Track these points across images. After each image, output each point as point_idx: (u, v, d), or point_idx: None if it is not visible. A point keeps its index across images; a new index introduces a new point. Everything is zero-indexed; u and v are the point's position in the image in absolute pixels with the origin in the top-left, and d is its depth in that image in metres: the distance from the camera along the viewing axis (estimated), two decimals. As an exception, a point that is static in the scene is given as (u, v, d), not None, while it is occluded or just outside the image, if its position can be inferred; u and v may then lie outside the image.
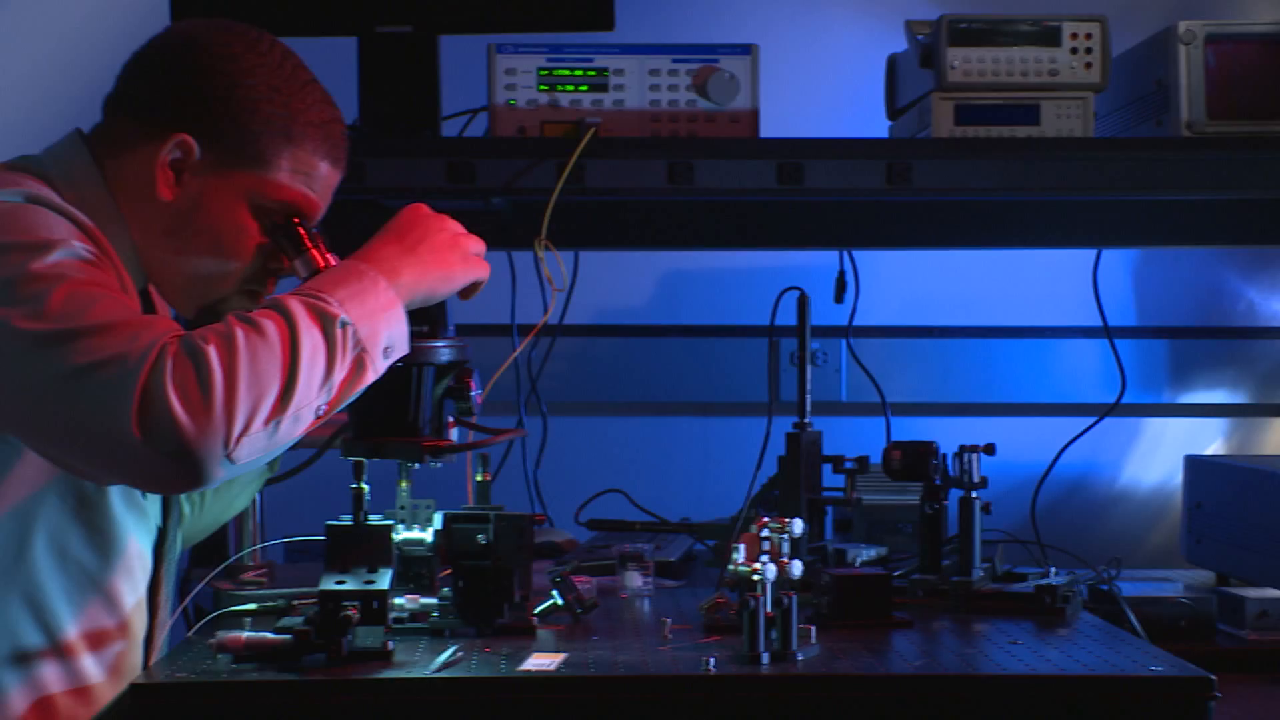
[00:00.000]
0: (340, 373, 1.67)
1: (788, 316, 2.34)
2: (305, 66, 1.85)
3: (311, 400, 1.65)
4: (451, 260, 1.80)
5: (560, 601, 2.04)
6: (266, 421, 1.60)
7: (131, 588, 1.84)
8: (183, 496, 1.91)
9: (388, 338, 1.72)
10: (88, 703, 1.79)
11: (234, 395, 1.57)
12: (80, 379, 1.56)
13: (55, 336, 1.57)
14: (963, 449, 2.20)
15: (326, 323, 1.66)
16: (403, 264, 1.76)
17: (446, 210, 2.54)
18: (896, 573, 2.18)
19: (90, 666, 1.79)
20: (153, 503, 1.87)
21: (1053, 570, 2.18)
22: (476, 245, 1.86)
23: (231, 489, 2.03)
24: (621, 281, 3.13)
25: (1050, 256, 3.02)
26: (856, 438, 2.60)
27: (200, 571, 2.12)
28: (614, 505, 2.69)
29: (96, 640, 1.80)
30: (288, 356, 1.62)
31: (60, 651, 1.77)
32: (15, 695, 1.74)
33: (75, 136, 1.82)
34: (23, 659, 1.75)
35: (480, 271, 1.85)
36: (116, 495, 1.79)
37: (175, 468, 1.56)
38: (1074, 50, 2.36)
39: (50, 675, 1.77)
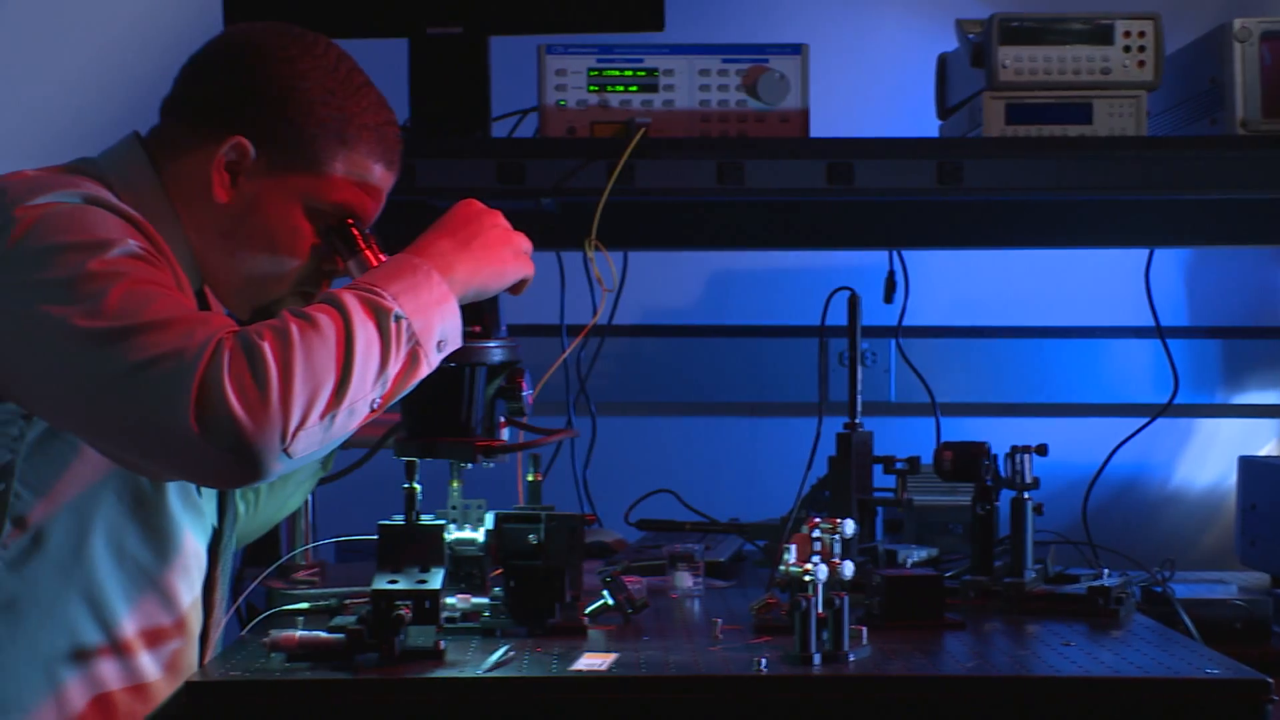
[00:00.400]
0: (394, 366, 1.68)
1: (836, 317, 2.33)
2: (360, 69, 1.86)
3: (366, 393, 1.65)
4: (504, 256, 1.81)
5: (611, 601, 2.04)
6: (322, 415, 1.61)
7: (188, 586, 1.85)
8: (237, 495, 1.93)
9: (441, 331, 1.73)
10: (145, 700, 1.80)
11: (290, 389, 1.58)
12: (138, 375, 1.57)
13: (113, 334, 1.58)
14: (1015, 450, 2.18)
15: (381, 316, 1.66)
16: (456, 259, 1.77)
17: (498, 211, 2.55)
18: (948, 574, 2.18)
19: (147, 664, 1.81)
20: (208, 501, 1.88)
21: (1105, 572, 2.17)
22: (525, 243, 1.87)
23: (285, 488, 2.04)
24: (670, 281, 3.13)
25: (1102, 256, 3.00)
26: (905, 438, 2.60)
27: (253, 570, 2.13)
28: (663, 506, 2.69)
29: (153, 638, 1.82)
30: (342, 350, 1.62)
31: (118, 649, 1.78)
32: (74, 691, 1.75)
33: (132, 139, 1.84)
34: (82, 656, 1.76)
35: (529, 268, 1.86)
36: (173, 494, 1.81)
37: (233, 462, 1.57)
38: (1127, 48, 2.34)
39: (108, 672, 1.78)
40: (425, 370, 1.72)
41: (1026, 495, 2.18)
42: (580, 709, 1.74)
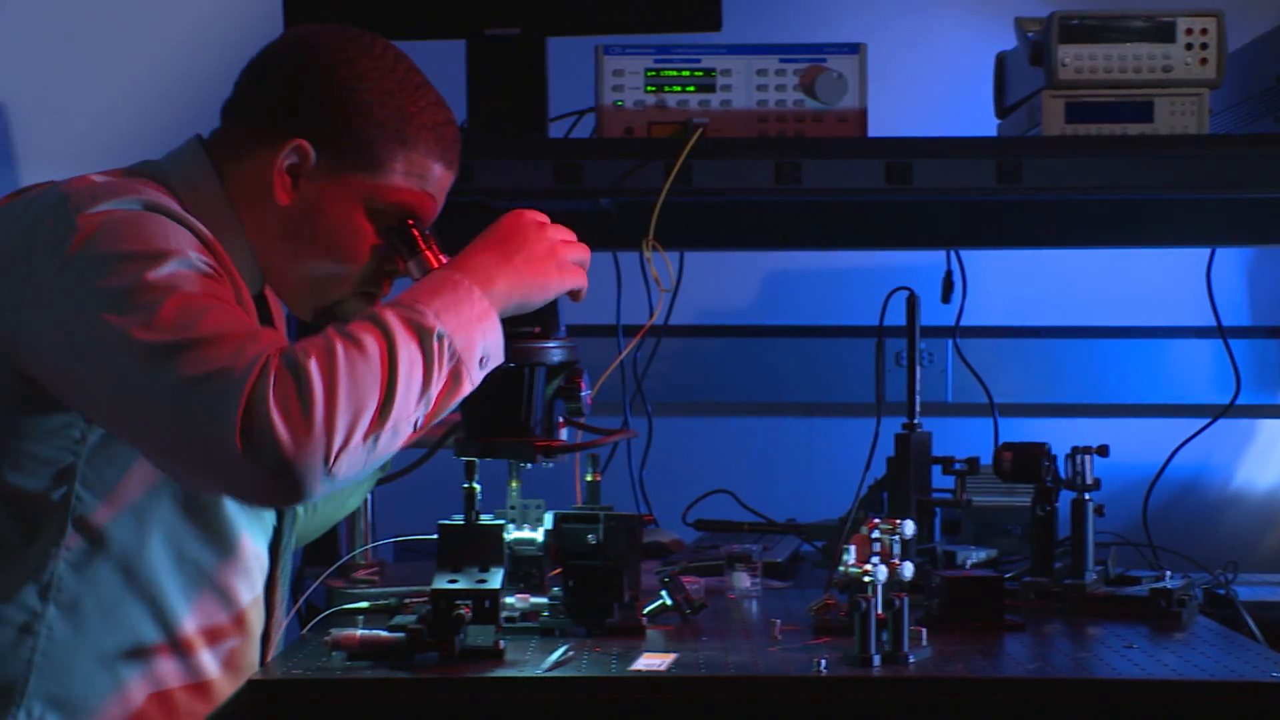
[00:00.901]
0: (437, 385, 1.67)
1: (893, 317, 2.33)
2: (418, 69, 1.86)
3: (410, 413, 1.65)
4: (547, 269, 1.80)
5: (669, 602, 2.04)
6: (366, 436, 1.61)
7: (249, 586, 1.87)
8: None
9: (483, 348, 1.72)
10: (205, 698, 1.81)
11: (334, 410, 1.58)
12: (187, 391, 1.57)
13: (165, 348, 1.59)
14: (1075, 450, 2.17)
15: (423, 335, 1.66)
16: (498, 272, 1.76)
17: (554, 211, 2.56)
18: (1007, 575, 2.16)
19: (208, 662, 1.82)
20: None
21: (1167, 573, 2.15)
22: (577, 253, 1.85)
23: (344, 489, 2.05)
24: (725, 281, 3.13)
25: (1162, 255, 2.97)
26: (961, 438, 2.59)
27: (313, 570, 2.15)
28: (718, 506, 2.69)
29: (213, 636, 1.83)
30: (386, 370, 1.62)
31: (178, 647, 1.80)
32: (136, 690, 1.76)
33: (195, 143, 1.85)
34: (142, 654, 1.78)
35: (577, 280, 1.84)
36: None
37: (276, 482, 1.58)
38: (1189, 46, 2.32)
39: (169, 670, 1.80)
40: (468, 388, 1.71)
41: (1087, 496, 2.16)
42: (640, 709, 1.73)
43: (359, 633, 1.79)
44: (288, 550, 1.94)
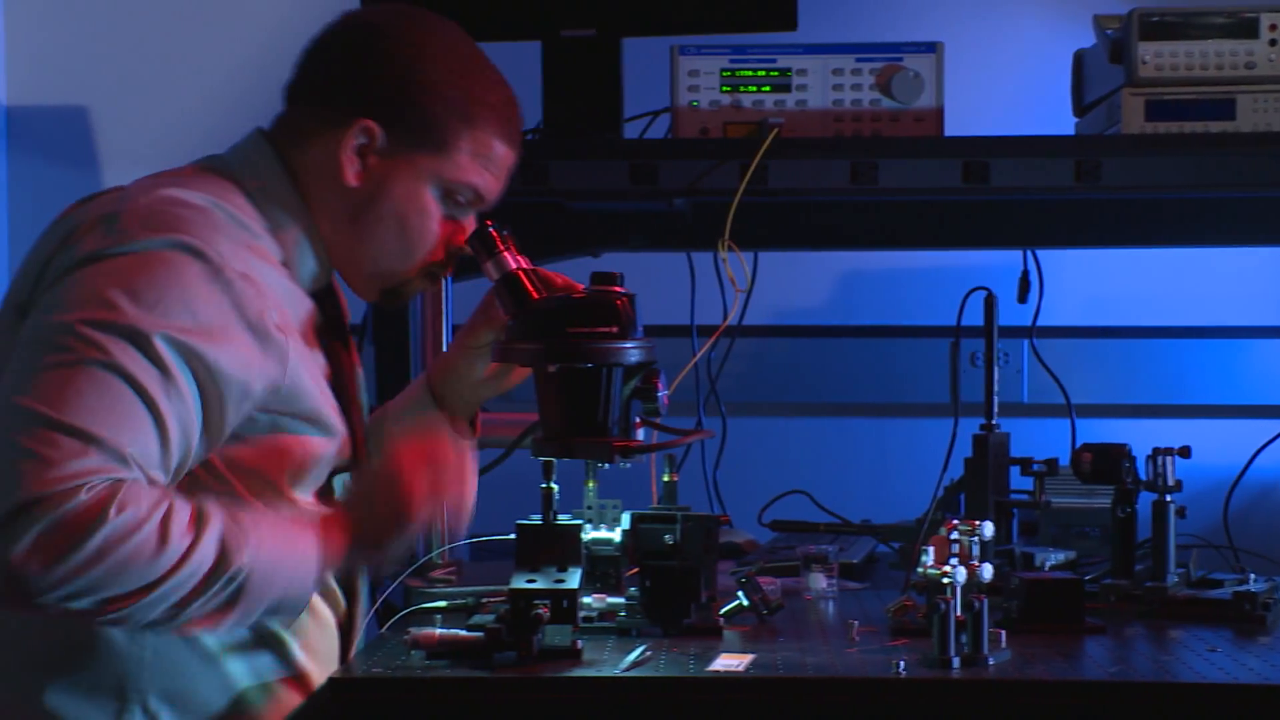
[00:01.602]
0: (199, 604, 1.61)
1: (967, 316, 2.31)
2: (479, 49, 1.87)
3: (151, 616, 1.59)
4: (391, 529, 1.75)
5: (746, 602, 2.03)
6: (90, 605, 1.56)
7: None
8: None
9: (279, 600, 1.66)
10: (302, 690, 1.82)
11: (78, 579, 1.53)
12: (4, 456, 1.54)
13: (36, 411, 1.55)
14: (1156, 451, 2.15)
15: (221, 564, 1.60)
16: (346, 523, 1.72)
17: (630, 212, 2.57)
18: (1087, 577, 2.15)
19: (298, 654, 1.83)
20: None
21: (1251, 576, 2.13)
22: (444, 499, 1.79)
23: None
24: (799, 282, 3.12)
25: (1241, 253, 2.94)
26: (1037, 439, 2.56)
27: (391, 569, 2.15)
28: (792, 507, 2.68)
29: (301, 631, 1.84)
30: (158, 577, 1.56)
31: (268, 640, 1.81)
32: (240, 682, 1.77)
33: (257, 135, 1.86)
34: (241, 648, 1.79)
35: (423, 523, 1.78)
36: (304, 490, 1.82)
37: None
38: (1272, 42, 2.29)
39: (265, 663, 1.81)
40: (234, 619, 1.65)
41: (1169, 498, 2.14)
42: (718, 710, 1.73)
43: (438, 632, 1.80)
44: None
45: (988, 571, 1.83)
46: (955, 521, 1.87)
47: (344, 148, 1.80)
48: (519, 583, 1.87)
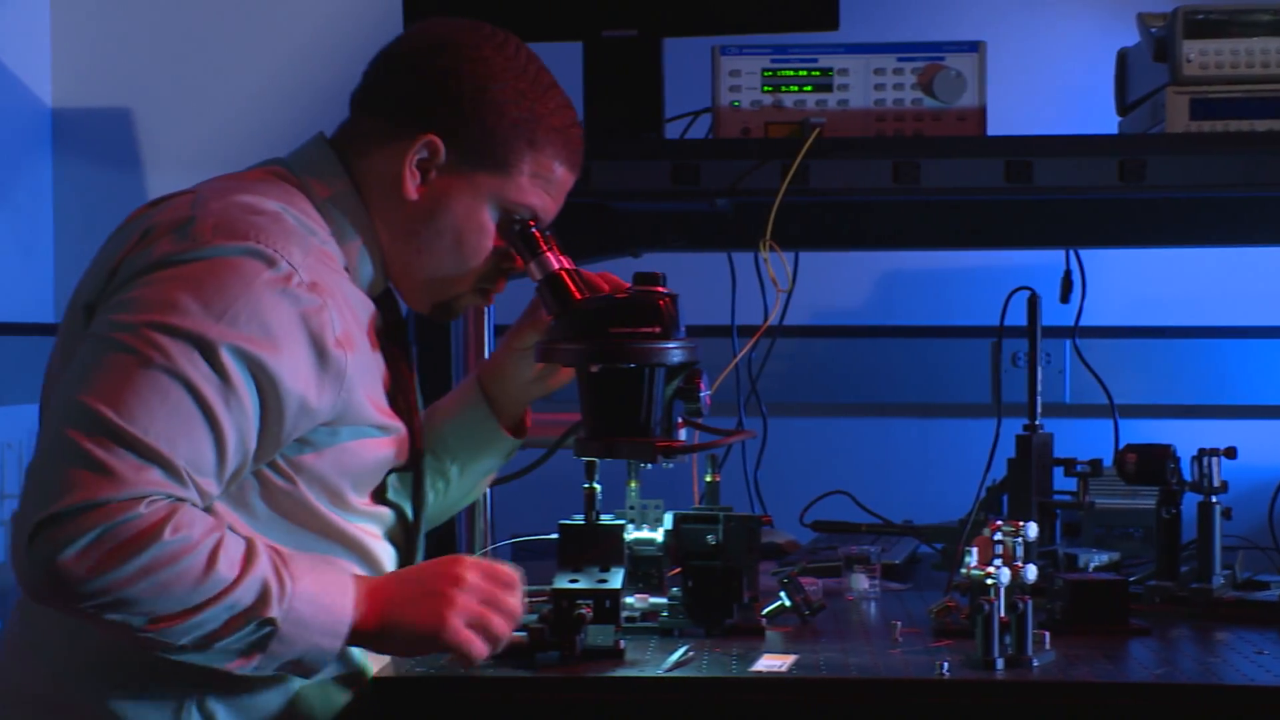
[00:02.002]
0: (223, 641, 1.61)
1: (1009, 316, 2.30)
2: (547, 70, 1.87)
3: (178, 639, 1.59)
4: (435, 623, 1.70)
5: (788, 603, 2.03)
6: (122, 618, 1.57)
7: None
8: (427, 484, 1.94)
9: (300, 654, 1.65)
10: (355, 687, 1.82)
11: (118, 590, 1.55)
12: (70, 455, 1.56)
13: (102, 416, 1.56)
14: (1202, 452, 2.14)
15: (258, 607, 1.60)
16: (385, 607, 1.69)
17: (671, 212, 2.56)
18: (1131, 579, 2.13)
19: (357, 656, 1.83)
20: (403, 497, 1.90)
21: (1298, 578, 2.11)
22: (487, 621, 1.72)
23: (474, 477, 2.05)
24: (840, 281, 3.12)
25: (1288, 253, 2.92)
26: (1079, 439, 2.55)
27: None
28: (833, 507, 2.68)
29: None
30: (194, 610, 1.58)
31: None
32: (295, 680, 1.78)
33: (320, 139, 1.86)
34: None
35: (466, 647, 1.70)
36: (353, 492, 1.82)
37: (25, 579, 1.57)
38: (1319, 40, 2.27)
39: None
40: (248, 667, 1.64)
41: (1214, 499, 2.13)
42: (761, 710, 1.74)
43: (481, 631, 1.80)
44: (420, 539, 1.93)
45: (1032, 573, 1.83)
46: (999, 522, 1.87)
47: (406, 161, 1.81)
48: (562, 582, 1.87)
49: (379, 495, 1.85)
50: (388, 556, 1.86)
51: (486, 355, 2.49)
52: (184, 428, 1.59)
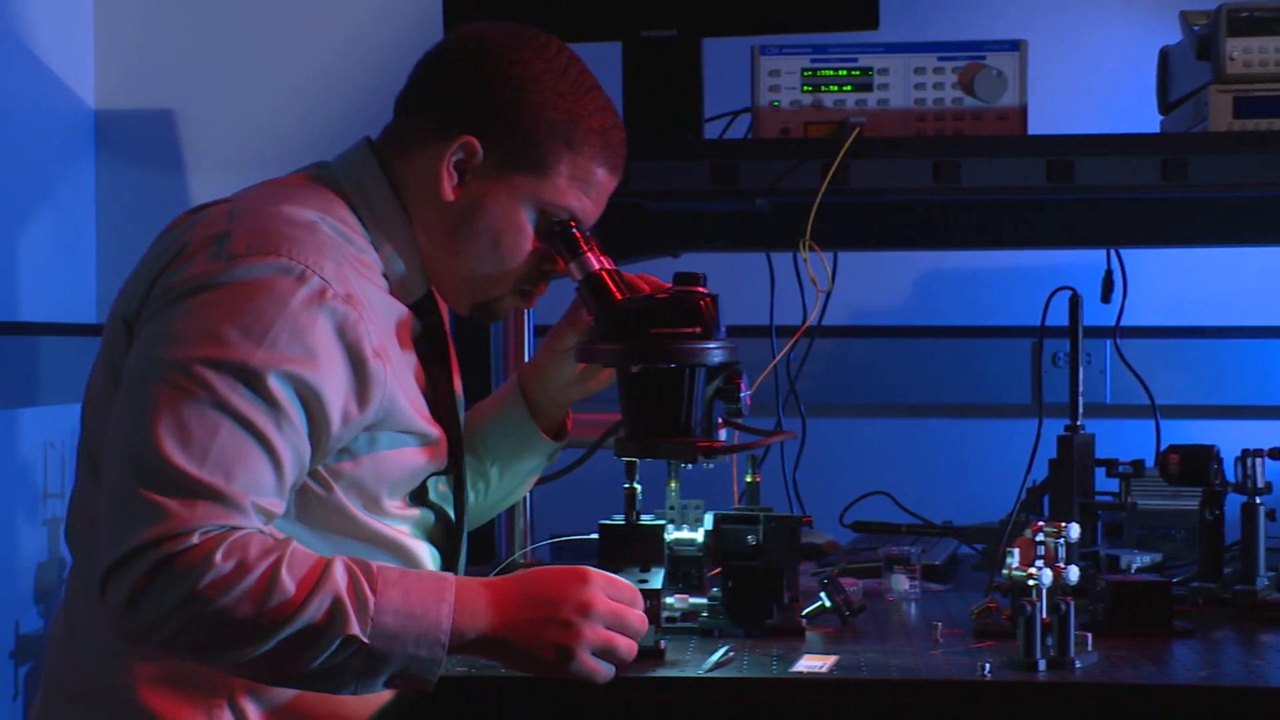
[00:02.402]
0: (305, 659, 1.61)
1: (1050, 316, 2.29)
2: (589, 72, 1.87)
3: (263, 667, 1.62)
4: (545, 651, 1.69)
5: (828, 603, 2.03)
6: (192, 649, 1.60)
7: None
8: (468, 486, 1.95)
9: (394, 668, 1.64)
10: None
11: (184, 618, 1.57)
12: (131, 507, 1.58)
13: (155, 466, 1.59)
14: (1245, 453, 2.12)
15: (333, 624, 1.60)
16: (495, 623, 1.68)
17: (709, 212, 2.56)
18: (1174, 580, 2.12)
19: None
20: (445, 500, 1.90)
21: (1344, 581, 2.10)
22: (607, 647, 1.70)
23: (515, 478, 2.06)
24: (879, 281, 3.11)
25: (1333, 252, 2.90)
26: (1120, 440, 2.54)
27: (477, 569, 2.16)
28: (871, 508, 2.67)
29: None
30: (262, 635, 1.58)
31: None
32: None
33: (364, 145, 1.87)
34: None
35: (582, 674, 1.70)
36: (389, 495, 1.82)
37: (112, 627, 1.60)
38: (1364, 37, 2.25)
39: None
40: (350, 689, 1.64)
41: (1258, 500, 2.11)
42: (802, 711, 1.74)
43: (522, 631, 1.80)
44: (463, 540, 1.93)
45: (1074, 573, 1.82)
46: (1041, 523, 1.86)
47: (443, 162, 1.81)
48: (601, 581, 1.87)
49: (420, 498, 1.85)
50: (428, 557, 1.86)
51: (527, 356, 2.49)
52: (239, 456, 1.61)
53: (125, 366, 1.69)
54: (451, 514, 1.90)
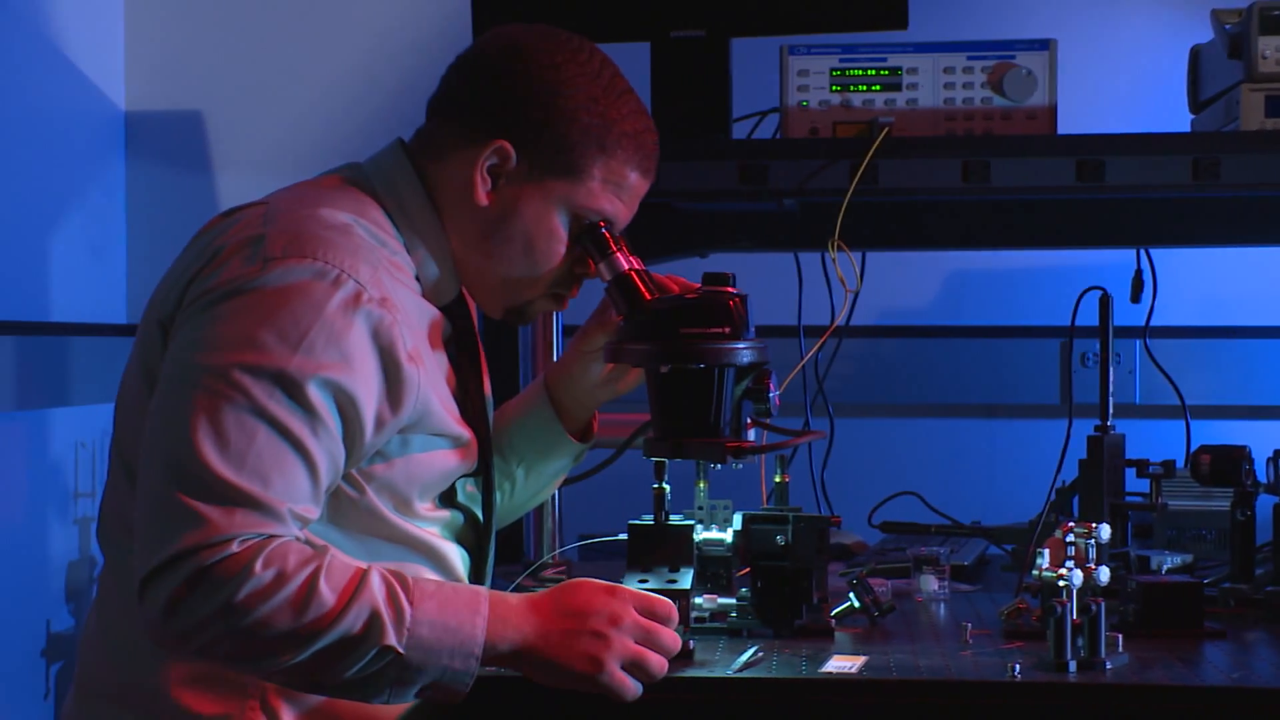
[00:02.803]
0: (348, 674, 1.62)
1: (1079, 316, 2.29)
2: (621, 75, 1.86)
3: (300, 675, 1.63)
4: (579, 662, 1.69)
5: (857, 604, 2.03)
6: (231, 655, 1.61)
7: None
8: (494, 488, 1.95)
9: (428, 678, 1.65)
10: None
11: (222, 626, 1.58)
12: (172, 514, 1.59)
13: (195, 469, 1.59)
14: (1277, 454, 2.12)
15: (370, 635, 1.61)
16: (528, 633, 1.69)
17: (738, 212, 2.55)
18: (1205, 580, 2.11)
19: None
20: (474, 503, 1.91)
21: (1375, 582, 2.08)
22: (638, 660, 1.70)
23: (540, 479, 2.06)
24: (906, 281, 3.10)
25: (1364, 251, 2.88)
26: (1150, 441, 2.53)
27: (506, 569, 2.16)
28: (899, 508, 2.67)
29: None
30: (299, 643, 1.60)
31: None
32: None
33: (397, 147, 1.87)
34: None
35: (615, 688, 1.70)
36: (419, 501, 1.83)
37: (149, 633, 1.61)
38: (1398, 36, 2.24)
39: None
40: (384, 698, 1.66)
41: (1290, 501, 2.11)
42: (832, 711, 1.74)
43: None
44: (490, 541, 1.94)
45: (1104, 574, 1.81)
46: (1071, 524, 1.85)
47: (477, 167, 1.81)
48: (631, 583, 1.88)
49: (449, 499, 1.86)
50: (458, 558, 1.87)
51: (555, 357, 2.50)
52: (276, 463, 1.62)
53: (161, 370, 1.69)
54: (480, 516, 1.90)
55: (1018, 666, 1.75)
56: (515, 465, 2.02)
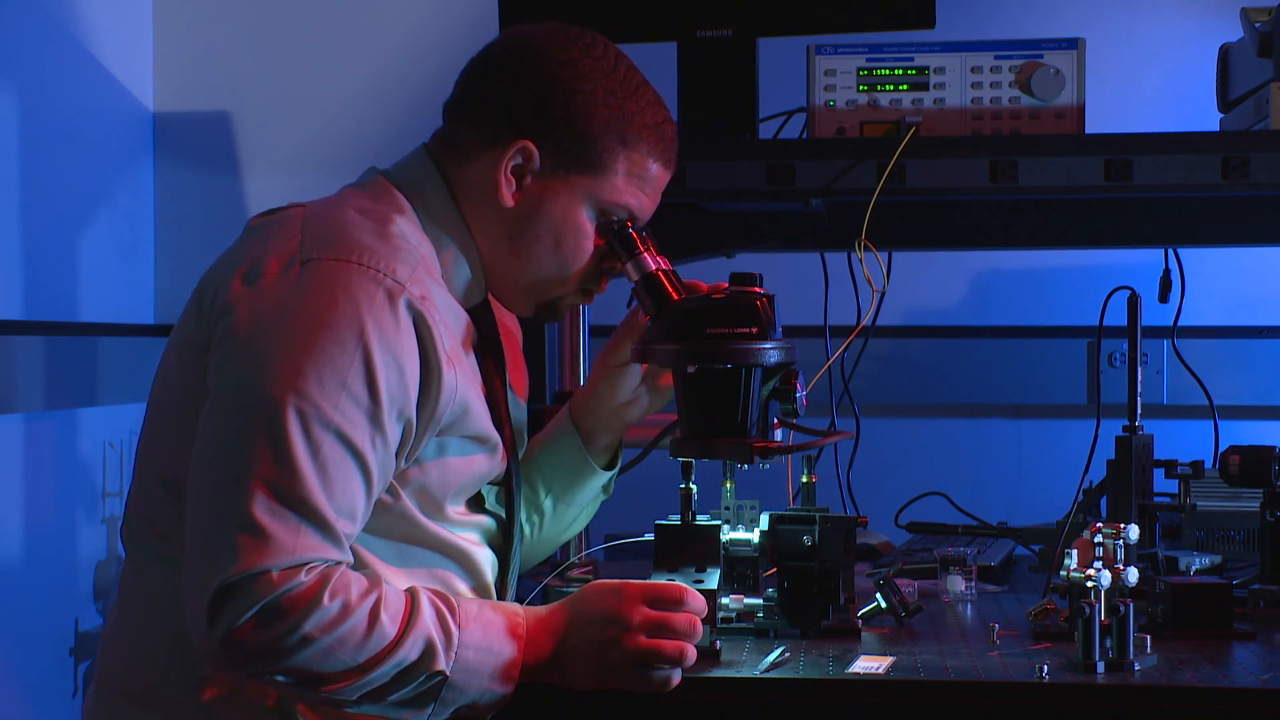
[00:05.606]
0: (395, 696, 1.66)
1: (1106, 316, 2.28)
2: (636, 68, 1.86)
3: (349, 697, 1.65)
4: (619, 683, 1.74)
5: (884, 604, 2.03)
6: (289, 681, 1.63)
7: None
8: (521, 518, 1.95)
9: (475, 700, 1.70)
10: None
11: (287, 658, 1.60)
12: (228, 518, 1.60)
13: (257, 471, 1.60)
14: (1307, 454, 2.11)
15: (425, 661, 1.65)
16: (566, 668, 1.73)
17: (765, 212, 2.55)
18: (1234, 582, 2.11)
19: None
20: (498, 506, 1.91)
21: (1406, 583, 2.07)
22: (670, 657, 1.73)
23: (569, 511, 2.06)
24: (933, 281, 3.10)
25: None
26: (1177, 441, 2.52)
27: (531, 570, 2.16)
28: (925, 508, 2.66)
29: None
30: (359, 671, 1.63)
31: None
32: None
33: (423, 153, 1.87)
34: None
35: (654, 687, 1.74)
36: (454, 506, 1.83)
37: (205, 648, 1.62)
38: None
39: None
40: (426, 715, 1.69)
41: (1320, 502, 2.10)
42: (859, 712, 1.73)
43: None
44: (514, 569, 1.94)
45: (1133, 575, 1.81)
46: (1099, 524, 1.85)
47: (501, 168, 1.81)
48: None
49: (478, 505, 1.86)
50: (489, 563, 1.87)
51: (583, 355, 2.50)
52: (338, 474, 1.63)
53: (209, 379, 1.68)
54: (506, 520, 1.90)
55: (1045, 668, 1.75)
56: (543, 496, 2.01)
